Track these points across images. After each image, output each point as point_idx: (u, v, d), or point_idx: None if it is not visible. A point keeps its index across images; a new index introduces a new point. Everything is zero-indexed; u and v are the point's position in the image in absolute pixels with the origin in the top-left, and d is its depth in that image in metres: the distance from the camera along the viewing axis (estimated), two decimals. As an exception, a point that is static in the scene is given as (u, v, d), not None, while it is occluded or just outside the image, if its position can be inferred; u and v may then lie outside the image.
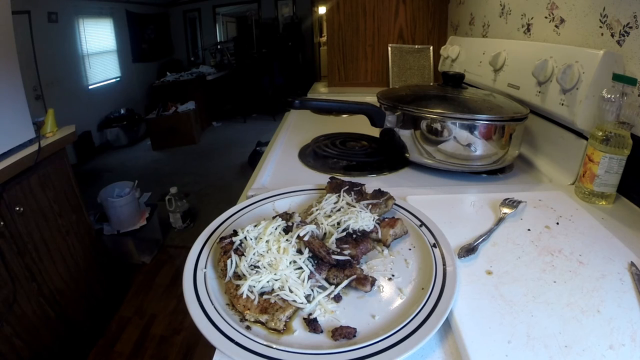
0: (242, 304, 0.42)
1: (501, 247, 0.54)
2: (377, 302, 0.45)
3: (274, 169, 0.85)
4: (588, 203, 0.68)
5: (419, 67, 1.65)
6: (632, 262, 0.50)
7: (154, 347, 1.70)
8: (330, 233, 0.53)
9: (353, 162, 0.89)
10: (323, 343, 0.39)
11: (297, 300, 0.43)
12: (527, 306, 0.43)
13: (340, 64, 1.74)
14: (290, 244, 0.48)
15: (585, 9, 0.78)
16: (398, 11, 1.64)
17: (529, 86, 0.86)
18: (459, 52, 1.34)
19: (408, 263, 0.51)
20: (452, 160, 0.78)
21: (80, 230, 1.66)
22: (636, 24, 0.65)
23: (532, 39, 0.99)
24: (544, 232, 0.57)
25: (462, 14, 1.48)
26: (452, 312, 0.42)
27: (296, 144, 1.00)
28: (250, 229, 0.50)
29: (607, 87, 0.64)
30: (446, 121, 0.75)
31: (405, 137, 0.81)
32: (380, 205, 0.60)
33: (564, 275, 0.48)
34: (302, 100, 0.79)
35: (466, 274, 0.48)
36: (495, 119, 0.75)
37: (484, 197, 0.68)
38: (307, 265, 0.46)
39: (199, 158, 4.20)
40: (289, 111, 1.40)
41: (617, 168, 0.65)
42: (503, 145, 0.77)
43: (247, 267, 0.46)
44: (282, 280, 0.44)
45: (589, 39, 0.77)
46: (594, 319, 0.41)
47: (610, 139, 0.63)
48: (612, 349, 0.37)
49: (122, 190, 2.20)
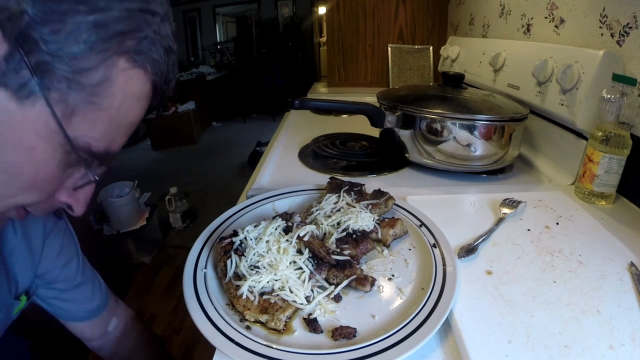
0: (242, 304, 0.42)
1: (501, 247, 0.54)
2: (377, 302, 0.45)
3: (274, 169, 0.85)
4: (588, 203, 0.68)
5: (419, 67, 1.65)
6: (632, 262, 0.50)
7: (153, 347, 1.70)
8: (330, 233, 0.53)
9: (353, 162, 0.89)
10: (323, 343, 0.39)
11: (297, 301, 0.43)
12: (527, 306, 0.43)
13: (340, 64, 1.74)
14: (290, 244, 0.48)
15: (585, 9, 0.78)
16: (398, 11, 1.64)
17: (528, 86, 0.86)
18: (458, 52, 1.34)
19: (408, 263, 0.51)
20: (452, 161, 0.78)
21: (80, 231, 1.65)
22: (636, 24, 0.66)
23: (532, 39, 0.99)
24: (544, 232, 0.57)
25: (462, 14, 1.49)
26: (452, 312, 0.42)
27: (296, 144, 1.00)
28: (250, 229, 0.50)
29: (607, 87, 0.64)
30: (446, 121, 0.75)
31: (405, 137, 0.81)
32: (380, 206, 0.60)
33: (563, 275, 0.48)
34: (302, 101, 0.79)
35: (466, 274, 0.48)
36: (495, 119, 0.75)
37: (483, 197, 0.68)
38: (307, 265, 0.46)
39: (199, 158, 4.20)
40: (289, 111, 1.40)
41: (616, 168, 0.65)
42: (503, 146, 0.77)
43: (247, 268, 0.46)
44: (283, 280, 0.44)
45: (589, 39, 0.77)
46: (594, 319, 0.41)
47: (610, 139, 0.63)
48: (612, 349, 0.37)
49: (122, 190, 2.20)
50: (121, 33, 0.31)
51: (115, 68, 0.32)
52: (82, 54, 0.29)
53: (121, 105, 0.34)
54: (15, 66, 0.28)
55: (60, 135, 0.31)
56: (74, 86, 0.30)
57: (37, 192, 0.34)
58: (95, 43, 0.30)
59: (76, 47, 0.29)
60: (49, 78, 0.29)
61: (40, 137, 0.31)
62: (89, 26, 0.29)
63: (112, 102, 0.33)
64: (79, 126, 0.32)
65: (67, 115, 0.31)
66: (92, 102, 0.32)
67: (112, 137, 0.35)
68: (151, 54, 0.34)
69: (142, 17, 0.32)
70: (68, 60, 0.29)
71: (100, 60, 0.31)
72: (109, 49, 0.31)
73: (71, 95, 0.30)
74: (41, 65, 0.28)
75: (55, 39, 0.28)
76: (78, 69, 0.30)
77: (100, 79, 0.31)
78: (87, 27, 0.29)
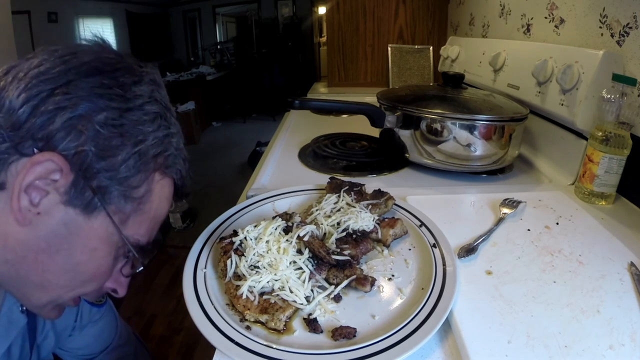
0: (242, 304, 0.42)
1: (501, 247, 0.54)
2: (377, 302, 0.45)
3: (273, 169, 0.85)
4: (588, 203, 0.68)
5: (418, 68, 1.65)
6: (632, 262, 0.50)
7: (153, 347, 1.70)
8: (330, 233, 0.53)
9: (353, 162, 0.89)
10: (323, 343, 0.39)
11: (297, 301, 0.43)
12: (527, 306, 0.43)
13: (340, 64, 1.74)
14: (290, 244, 0.48)
15: (585, 9, 0.78)
16: (398, 11, 1.64)
17: (528, 86, 0.86)
18: (458, 53, 1.34)
19: (408, 263, 0.51)
20: (452, 161, 0.78)
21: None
22: (636, 24, 0.65)
23: (532, 39, 0.99)
24: (544, 232, 0.57)
25: (462, 14, 1.49)
26: (452, 312, 0.42)
27: (296, 144, 1.00)
28: (250, 229, 0.50)
29: (607, 87, 0.64)
30: (446, 121, 0.75)
31: (405, 137, 0.81)
32: (380, 206, 0.60)
33: (563, 275, 0.48)
34: (302, 101, 0.79)
35: (466, 274, 0.48)
36: (495, 119, 0.75)
37: (483, 197, 0.68)
38: (307, 265, 0.46)
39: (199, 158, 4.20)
40: (289, 111, 1.40)
41: (616, 168, 0.65)
42: (503, 146, 0.77)
43: (247, 268, 0.46)
44: (283, 280, 0.44)
45: (589, 39, 0.77)
46: (594, 319, 0.41)
47: (610, 139, 0.63)
48: (612, 349, 0.37)
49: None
50: (155, 155, 0.41)
51: (153, 181, 0.42)
52: (131, 176, 0.39)
53: (158, 207, 0.43)
54: (81, 190, 0.36)
55: (117, 237, 0.40)
56: (127, 200, 0.39)
57: (96, 283, 0.42)
58: (140, 167, 0.39)
59: (127, 172, 0.38)
60: (108, 196, 0.38)
61: (102, 241, 0.39)
62: (135, 155, 0.38)
63: (152, 206, 0.42)
64: (130, 228, 0.41)
65: (123, 221, 0.40)
66: (139, 209, 0.41)
67: (152, 230, 0.44)
68: (176, 166, 0.44)
69: (167, 140, 0.42)
70: (122, 182, 0.38)
71: (144, 178, 0.40)
72: (149, 169, 0.40)
73: (126, 206, 0.39)
74: (102, 188, 0.37)
75: (111, 167, 0.37)
76: (129, 187, 0.39)
77: (144, 191, 0.41)
78: (133, 156, 0.38)
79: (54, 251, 0.37)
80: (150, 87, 0.41)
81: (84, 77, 0.36)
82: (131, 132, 0.38)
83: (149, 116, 0.40)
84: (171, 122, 0.43)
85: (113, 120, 0.37)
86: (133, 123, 0.38)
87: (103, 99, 0.37)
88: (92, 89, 0.36)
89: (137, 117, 0.39)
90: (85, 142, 0.35)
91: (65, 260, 0.38)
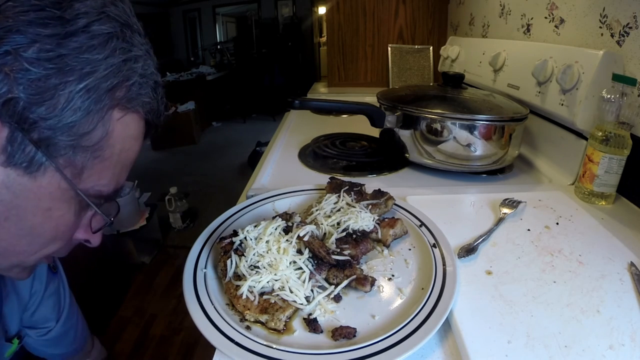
0: (242, 304, 0.42)
1: (501, 247, 0.54)
2: (377, 302, 0.45)
3: (273, 169, 0.85)
4: (588, 203, 0.68)
5: (418, 68, 1.65)
6: (632, 262, 0.50)
7: (153, 347, 1.70)
8: (330, 233, 0.53)
9: (353, 162, 0.89)
10: (323, 343, 0.39)
11: (297, 301, 0.43)
12: (527, 306, 0.43)
13: (340, 64, 1.74)
14: (290, 244, 0.48)
15: (585, 9, 0.78)
16: (398, 11, 1.64)
17: (528, 86, 0.86)
18: (458, 53, 1.34)
19: (408, 263, 0.51)
20: (452, 161, 0.78)
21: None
22: (636, 24, 0.66)
23: (532, 39, 0.99)
24: (544, 232, 0.57)
25: (462, 14, 1.49)
26: (452, 312, 0.42)
27: (296, 144, 1.00)
28: (250, 229, 0.50)
29: (607, 87, 0.64)
30: (446, 121, 0.75)
31: (405, 137, 0.81)
32: (380, 206, 0.60)
33: (563, 275, 0.48)
34: (302, 101, 0.79)
35: (466, 274, 0.48)
36: (495, 119, 0.75)
37: (483, 197, 0.68)
38: (307, 265, 0.46)
39: (199, 158, 4.20)
40: (289, 111, 1.40)
41: (616, 168, 0.65)
42: (503, 146, 0.77)
43: (247, 268, 0.46)
44: (283, 280, 0.44)
45: (589, 39, 0.77)
46: (594, 319, 0.41)
47: (610, 139, 0.63)
48: (612, 349, 0.37)
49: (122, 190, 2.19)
50: (110, 88, 0.33)
51: (111, 121, 0.34)
52: (79, 121, 0.32)
53: (122, 149, 0.37)
54: (19, 145, 0.30)
55: (72, 191, 0.34)
56: (78, 150, 0.33)
57: (60, 241, 0.38)
58: (89, 107, 0.32)
59: (73, 117, 0.31)
60: (54, 148, 0.32)
61: (55, 198, 0.34)
62: (81, 93, 0.31)
63: (113, 150, 0.36)
64: (88, 179, 0.35)
65: (76, 174, 0.34)
66: (96, 156, 0.34)
67: (118, 177, 0.38)
68: (141, 97, 0.36)
69: (127, 66, 0.34)
70: (68, 130, 0.31)
71: (97, 120, 0.33)
72: (103, 107, 0.33)
73: (77, 157, 0.33)
74: (44, 140, 0.31)
75: (52, 114, 0.30)
76: (79, 135, 0.32)
77: (100, 136, 0.34)
78: (79, 95, 0.31)
79: (2, 218, 0.33)
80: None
81: (9, 1, 0.29)
82: (73, 64, 0.30)
83: (98, 39, 0.32)
84: (133, 43, 0.35)
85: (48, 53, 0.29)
86: (75, 52, 0.30)
87: (33, 26, 0.29)
88: (18, 15, 0.28)
89: (80, 42, 0.31)
90: (14, 87, 0.29)
91: (17, 225, 0.34)
